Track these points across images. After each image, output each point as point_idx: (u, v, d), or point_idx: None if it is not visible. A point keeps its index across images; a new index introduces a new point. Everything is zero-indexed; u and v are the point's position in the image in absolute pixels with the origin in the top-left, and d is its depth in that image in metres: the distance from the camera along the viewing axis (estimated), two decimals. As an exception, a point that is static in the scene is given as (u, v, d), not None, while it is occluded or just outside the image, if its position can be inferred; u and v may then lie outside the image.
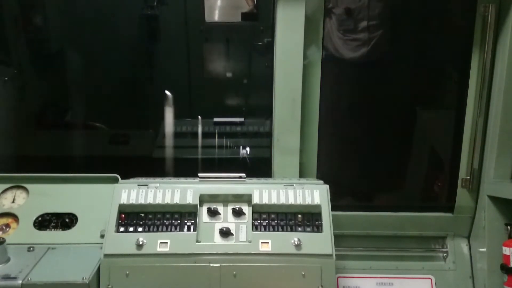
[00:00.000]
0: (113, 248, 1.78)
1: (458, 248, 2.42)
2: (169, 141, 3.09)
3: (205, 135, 3.09)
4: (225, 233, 1.81)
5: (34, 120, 3.14)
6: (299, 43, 2.21)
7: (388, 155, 2.75)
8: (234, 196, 1.92)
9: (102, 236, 1.86)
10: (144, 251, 1.77)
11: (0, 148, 2.97)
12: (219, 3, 2.95)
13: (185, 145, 3.09)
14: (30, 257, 1.81)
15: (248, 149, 3.02)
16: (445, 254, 2.42)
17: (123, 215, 1.86)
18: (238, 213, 1.87)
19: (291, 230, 1.84)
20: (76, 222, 2.01)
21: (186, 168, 3.05)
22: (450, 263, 2.40)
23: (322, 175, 2.38)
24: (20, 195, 2.10)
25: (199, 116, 3.11)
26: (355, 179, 2.77)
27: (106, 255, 1.77)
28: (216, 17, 2.96)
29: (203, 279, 1.76)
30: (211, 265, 1.76)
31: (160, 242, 1.78)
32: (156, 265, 1.76)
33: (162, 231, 1.83)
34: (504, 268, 2.05)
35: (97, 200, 2.04)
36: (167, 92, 3.05)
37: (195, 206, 1.88)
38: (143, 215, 1.86)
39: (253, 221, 1.86)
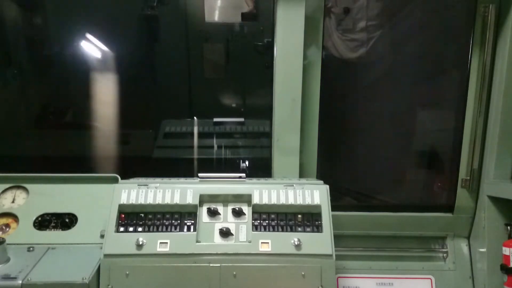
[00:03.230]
0: (113, 248, 1.77)
1: (458, 248, 2.42)
2: (169, 141, 3.09)
3: (205, 135, 3.09)
4: (225, 233, 1.81)
5: (34, 120, 3.14)
6: (299, 43, 2.21)
7: (388, 155, 2.75)
8: (234, 196, 1.92)
9: (102, 236, 1.86)
10: (144, 251, 1.77)
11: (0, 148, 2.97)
12: (219, 3, 2.95)
13: (185, 145, 3.09)
14: (30, 257, 1.81)
15: (247, 162, 3.02)
16: (445, 254, 2.42)
17: (123, 215, 1.86)
18: (238, 213, 1.87)
19: (291, 230, 1.84)
20: (76, 222, 2.01)
21: (186, 168, 3.05)
22: (450, 263, 2.40)
23: (322, 175, 2.38)
24: (20, 195, 2.10)
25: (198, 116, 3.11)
26: (355, 179, 2.77)
27: (106, 255, 1.76)
28: (216, 17, 2.96)
29: (203, 279, 1.75)
30: (211, 265, 1.76)
31: (160, 242, 1.78)
32: (156, 265, 1.76)
33: (162, 231, 1.83)
34: (504, 268, 2.04)
35: (97, 200, 2.04)
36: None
37: (195, 206, 1.88)
38: (143, 215, 1.86)
39: (253, 221, 1.86)
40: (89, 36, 3.01)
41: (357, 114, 2.78)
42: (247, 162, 3.02)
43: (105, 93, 3.10)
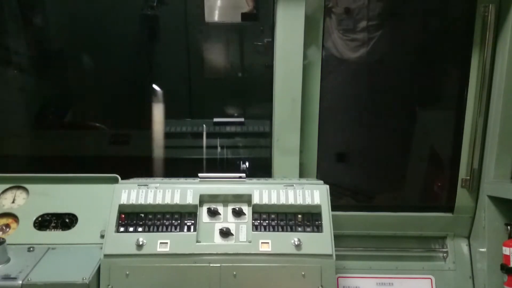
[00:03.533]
0: (113, 248, 1.78)
1: (458, 248, 2.42)
2: (168, 141, 3.09)
3: (205, 135, 3.08)
4: (225, 233, 1.81)
5: (34, 120, 3.14)
6: (299, 43, 2.22)
7: (388, 155, 2.75)
8: (234, 196, 1.92)
9: (102, 236, 1.86)
10: (144, 251, 1.77)
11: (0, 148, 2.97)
12: (219, 3, 2.94)
13: (185, 145, 3.09)
14: (30, 257, 1.81)
15: (247, 163, 3.02)
16: (445, 254, 2.42)
17: (123, 215, 1.86)
18: (238, 213, 1.87)
19: (291, 230, 1.84)
20: (76, 222, 2.01)
21: (185, 168, 3.05)
22: (450, 263, 2.40)
23: (322, 175, 2.38)
24: (20, 195, 2.10)
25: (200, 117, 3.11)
26: (355, 179, 2.77)
27: (106, 255, 1.77)
28: (216, 17, 2.96)
29: (203, 279, 1.76)
30: (211, 265, 1.76)
31: (160, 242, 1.78)
32: (156, 265, 1.76)
33: (162, 231, 1.83)
34: (504, 268, 2.05)
35: (97, 200, 2.04)
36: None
37: (195, 206, 1.88)
38: (143, 215, 1.86)
39: (253, 221, 1.86)
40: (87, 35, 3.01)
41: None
42: (247, 163, 3.02)
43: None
